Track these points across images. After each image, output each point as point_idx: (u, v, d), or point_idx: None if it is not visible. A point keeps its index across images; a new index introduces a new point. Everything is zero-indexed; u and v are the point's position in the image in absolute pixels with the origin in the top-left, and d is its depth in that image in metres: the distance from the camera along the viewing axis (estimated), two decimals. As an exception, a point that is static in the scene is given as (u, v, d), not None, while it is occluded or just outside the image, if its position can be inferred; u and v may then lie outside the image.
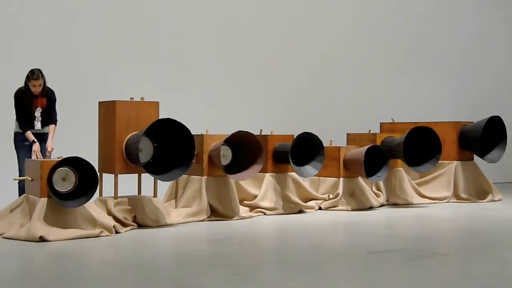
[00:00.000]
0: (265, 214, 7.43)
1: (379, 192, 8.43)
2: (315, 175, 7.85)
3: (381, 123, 9.70)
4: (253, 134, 7.07)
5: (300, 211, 7.69)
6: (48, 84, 6.65)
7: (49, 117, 6.69)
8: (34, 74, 6.45)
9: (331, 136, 8.49)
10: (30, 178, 5.93)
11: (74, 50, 8.67)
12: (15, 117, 6.68)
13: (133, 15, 9.17)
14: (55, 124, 6.71)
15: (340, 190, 7.96)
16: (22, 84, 6.59)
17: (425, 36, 11.94)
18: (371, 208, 8.03)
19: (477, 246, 5.53)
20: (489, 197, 9.04)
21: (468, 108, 11.96)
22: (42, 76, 6.50)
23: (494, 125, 8.95)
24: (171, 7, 9.50)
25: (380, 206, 8.26)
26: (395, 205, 8.46)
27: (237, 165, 7.16)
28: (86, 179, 5.84)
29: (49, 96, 6.66)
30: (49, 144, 6.60)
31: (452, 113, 11.49)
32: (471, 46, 12.49)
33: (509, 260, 4.94)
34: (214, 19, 9.81)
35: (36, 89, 6.51)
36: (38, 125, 6.64)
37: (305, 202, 7.83)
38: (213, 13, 9.81)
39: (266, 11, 10.33)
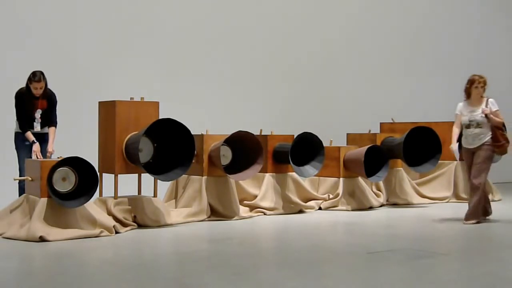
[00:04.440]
0: (265, 214, 7.43)
1: (379, 192, 8.43)
2: (315, 175, 7.85)
3: (381, 123, 9.70)
4: (253, 134, 7.07)
5: (300, 211, 7.69)
6: (49, 85, 6.63)
7: (49, 119, 6.67)
8: (36, 76, 6.42)
9: (331, 136, 8.48)
10: (30, 178, 5.93)
11: (74, 50, 8.67)
12: (15, 117, 6.67)
13: (133, 15, 9.17)
14: (55, 127, 6.69)
15: (340, 190, 7.96)
16: (22, 85, 6.58)
17: (426, 36, 11.93)
18: (371, 208, 8.03)
19: (477, 246, 5.53)
20: (489, 197, 9.01)
21: (468, 108, 11.93)
22: (44, 78, 6.47)
23: (494, 125, 8.92)
24: (171, 8, 9.50)
25: (380, 206, 8.26)
26: (395, 205, 8.46)
27: (237, 165, 7.16)
28: (86, 179, 5.84)
29: (50, 98, 6.63)
30: (50, 146, 6.58)
31: (452, 113, 11.46)
32: (471, 46, 12.49)
33: (509, 260, 4.94)
34: (214, 19, 9.81)
35: (37, 91, 6.48)
36: (37, 126, 6.62)
37: (305, 202, 7.83)
38: (213, 14, 9.81)
39: (267, 11, 10.33)
